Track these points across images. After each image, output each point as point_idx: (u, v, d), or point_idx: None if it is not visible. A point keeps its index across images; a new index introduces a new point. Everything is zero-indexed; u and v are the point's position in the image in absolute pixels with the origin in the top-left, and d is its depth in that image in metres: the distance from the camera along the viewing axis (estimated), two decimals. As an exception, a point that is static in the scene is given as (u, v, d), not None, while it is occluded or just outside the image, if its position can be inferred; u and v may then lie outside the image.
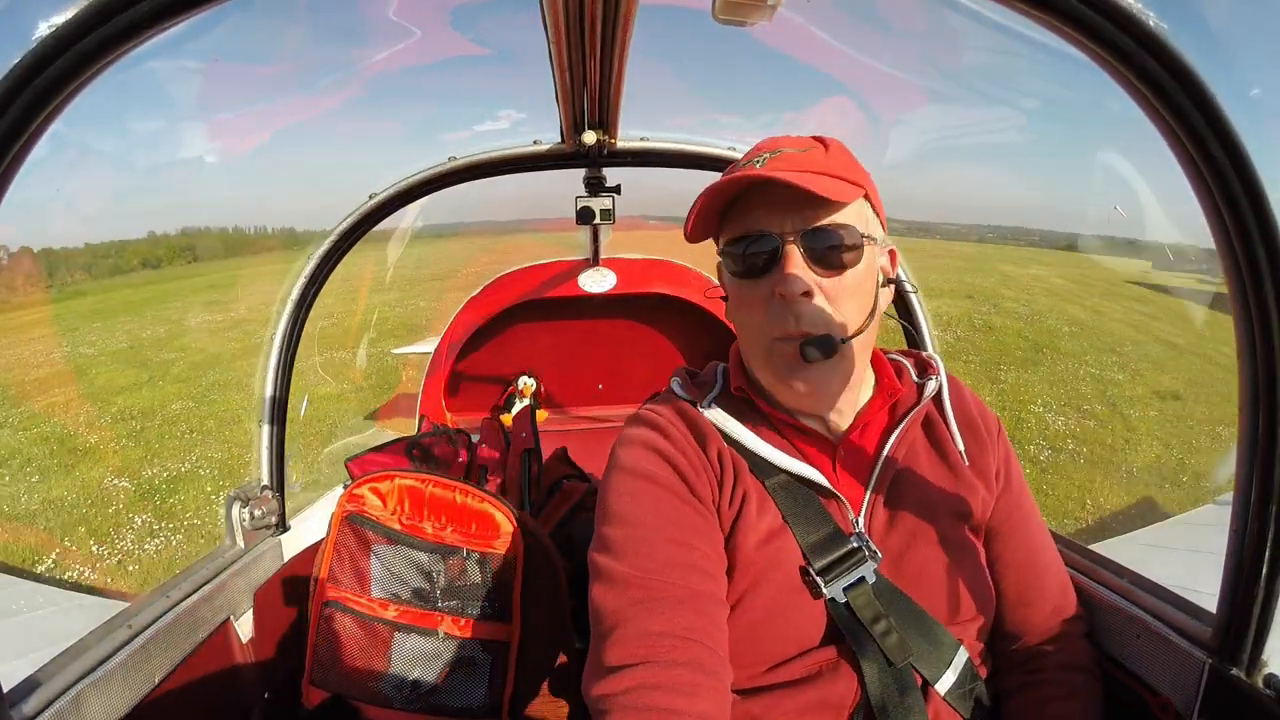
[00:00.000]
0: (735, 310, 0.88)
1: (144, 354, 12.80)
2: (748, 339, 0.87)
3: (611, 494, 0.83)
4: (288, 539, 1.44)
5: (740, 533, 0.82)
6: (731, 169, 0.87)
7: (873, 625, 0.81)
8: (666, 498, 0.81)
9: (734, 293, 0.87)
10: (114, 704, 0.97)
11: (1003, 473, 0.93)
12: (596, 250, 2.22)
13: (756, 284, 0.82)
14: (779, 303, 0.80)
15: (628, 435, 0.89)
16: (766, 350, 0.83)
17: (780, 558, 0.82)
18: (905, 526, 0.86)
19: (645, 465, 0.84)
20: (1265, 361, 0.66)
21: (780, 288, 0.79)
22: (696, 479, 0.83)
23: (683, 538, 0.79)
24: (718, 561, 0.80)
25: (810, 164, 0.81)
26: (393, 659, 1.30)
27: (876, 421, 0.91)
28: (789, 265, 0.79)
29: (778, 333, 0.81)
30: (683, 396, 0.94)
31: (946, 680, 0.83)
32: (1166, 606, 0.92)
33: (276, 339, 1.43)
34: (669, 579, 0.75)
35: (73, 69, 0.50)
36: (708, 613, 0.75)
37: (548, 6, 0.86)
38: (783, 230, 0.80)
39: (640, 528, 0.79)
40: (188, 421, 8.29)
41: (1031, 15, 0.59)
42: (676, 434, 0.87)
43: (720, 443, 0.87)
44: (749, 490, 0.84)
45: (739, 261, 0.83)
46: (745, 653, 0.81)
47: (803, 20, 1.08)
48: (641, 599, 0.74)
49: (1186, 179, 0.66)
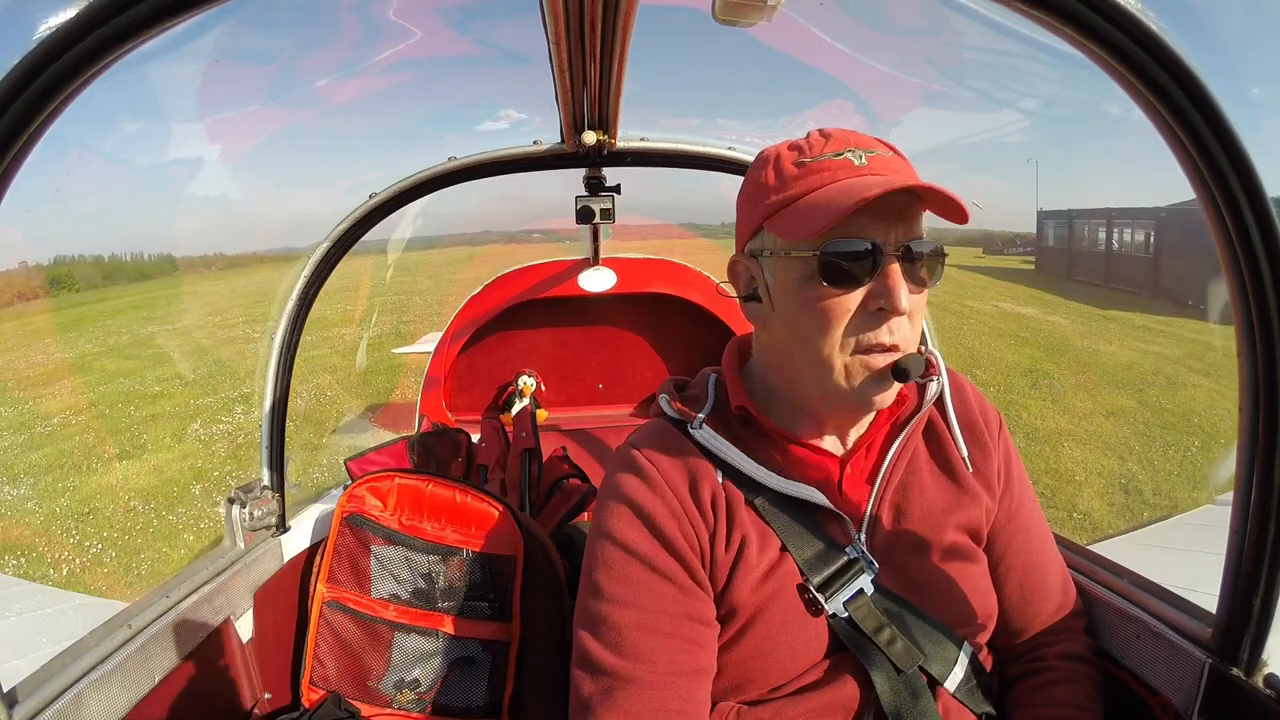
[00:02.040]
0: (802, 318, 0.78)
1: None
2: (813, 350, 0.78)
3: (599, 567, 0.82)
4: (288, 539, 1.44)
5: (739, 577, 0.80)
6: (821, 170, 0.77)
7: (876, 635, 0.81)
8: (649, 579, 0.79)
9: (806, 300, 0.77)
10: (114, 704, 0.97)
11: (1004, 471, 0.92)
12: (596, 250, 2.22)
13: (845, 294, 0.76)
14: (874, 316, 0.76)
15: (615, 486, 0.84)
16: (845, 364, 0.77)
17: (781, 586, 0.81)
18: (908, 538, 0.85)
19: (630, 538, 0.81)
20: (1265, 361, 0.66)
21: (886, 302, 0.74)
22: (685, 545, 0.80)
23: (665, 624, 0.78)
24: (702, 629, 0.80)
25: (906, 171, 0.78)
26: (393, 659, 1.30)
27: (881, 433, 0.89)
28: (893, 279, 0.74)
29: (870, 346, 0.76)
30: (672, 416, 0.89)
31: (955, 678, 0.83)
32: (1166, 606, 0.92)
33: (276, 340, 1.43)
34: (647, 666, 0.76)
35: (73, 69, 0.50)
36: (683, 692, 0.77)
37: (548, 7, 0.86)
38: (886, 241, 0.75)
39: (624, 611, 0.78)
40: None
41: (1031, 15, 0.59)
42: (664, 486, 0.82)
43: (713, 479, 0.83)
44: (746, 529, 0.81)
45: (834, 269, 0.75)
46: (750, 678, 0.81)
47: (805, 21, 1.08)
48: (613, 688, 0.76)
49: (1186, 179, 0.66)
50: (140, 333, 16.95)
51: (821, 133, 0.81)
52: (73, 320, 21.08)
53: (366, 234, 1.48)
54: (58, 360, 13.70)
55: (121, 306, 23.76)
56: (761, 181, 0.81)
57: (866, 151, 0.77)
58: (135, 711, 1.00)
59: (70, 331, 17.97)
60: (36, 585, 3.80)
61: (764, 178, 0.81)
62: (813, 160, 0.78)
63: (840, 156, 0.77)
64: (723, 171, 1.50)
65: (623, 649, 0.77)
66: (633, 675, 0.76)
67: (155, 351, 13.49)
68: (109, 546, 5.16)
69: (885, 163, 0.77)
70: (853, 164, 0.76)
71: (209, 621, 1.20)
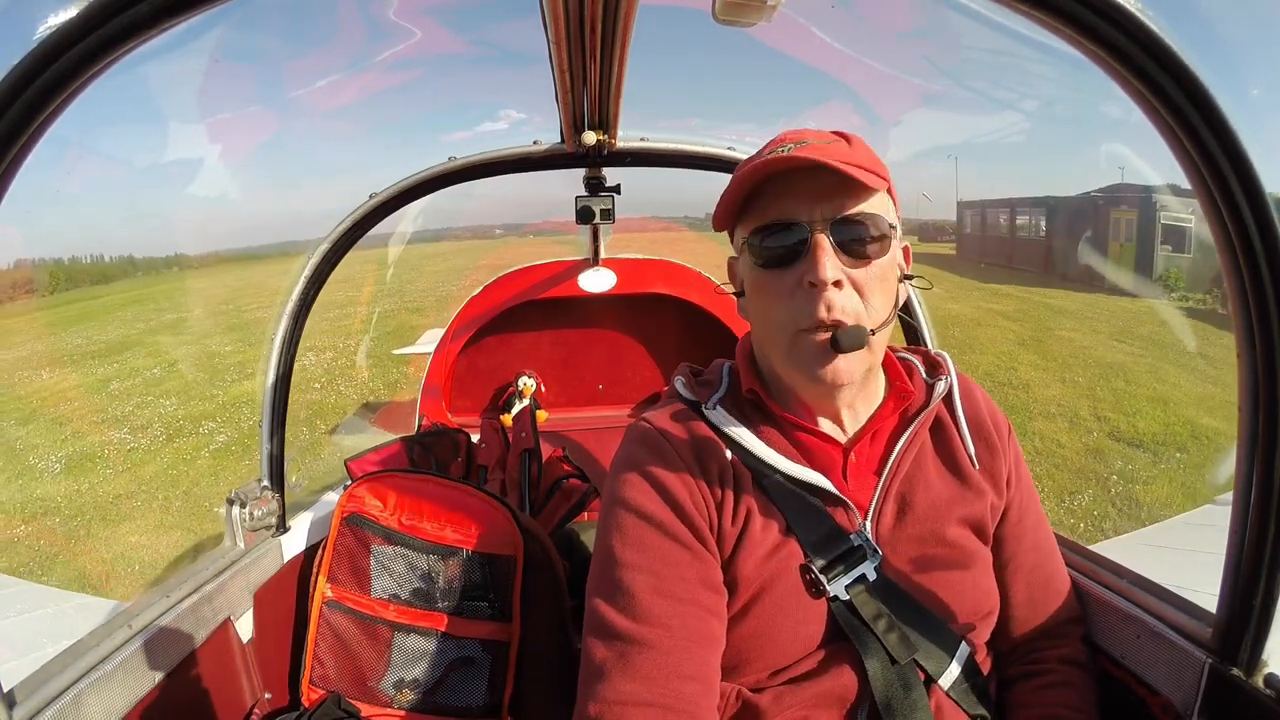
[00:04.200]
0: (756, 303, 0.85)
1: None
2: (769, 332, 0.84)
3: (613, 533, 0.83)
4: (288, 539, 1.44)
5: (743, 551, 0.82)
6: (754, 159, 0.83)
7: (874, 622, 0.81)
8: (663, 545, 0.81)
9: (755, 284, 0.84)
10: (114, 704, 0.97)
11: (1014, 477, 0.93)
12: (596, 250, 2.22)
13: (782, 274, 0.80)
14: (807, 292, 0.78)
15: (628, 456, 0.87)
16: (791, 341, 0.81)
17: (784, 566, 0.82)
18: (912, 530, 0.86)
19: (643, 504, 0.82)
20: (1265, 361, 0.66)
21: (810, 276, 0.77)
22: (695, 511, 0.82)
23: (679, 589, 0.79)
24: (714, 596, 0.81)
25: (837, 154, 0.79)
26: (392, 659, 1.30)
27: (887, 425, 0.90)
28: (819, 253, 0.77)
29: (806, 323, 0.79)
30: (686, 398, 0.92)
31: (950, 675, 0.84)
32: (1166, 606, 0.92)
33: (277, 340, 1.43)
34: (661, 630, 0.76)
35: (73, 69, 0.50)
36: (697, 657, 0.77)
37: (548, 6, 0.86)
38: (811, 218, 0.78)
39: (638, 576, 0.79)
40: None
41: (1031, 15, 0.59)
42: (675, 456, 0.85)
43: (723, 455, 0.86)
44: (753, 506, 0.83)
45: (763, 250, 0.80)
46: (750, 658, 0.82)
47: (804, 21, 1.08)
48: (627, 652, 0.76)
49: (1186, 178, 0.66)
50: (164, 319, 19.28)
51: (783, 133, 0.85)
52: (80, 314, 22.53)
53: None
54: (112, 338, 16.23)
55: (126, 300, 25.59)
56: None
57: (799, 143, 0.80)
58: (135, 711, 1.00)
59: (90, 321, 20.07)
60: (37, 585, 3.81)
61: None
62: (760, 157, 0.82)
63: (773, 152, 0.80)
64: (723, 171, 1.50)
65: (637, 613, 0.77)
66: (647, 639, 0.76)
67: (197, 330, 16.58)
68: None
69: (819, 149, 0.79)
70: (781, 154, 0.79)
71: (209, 621, 1.20)
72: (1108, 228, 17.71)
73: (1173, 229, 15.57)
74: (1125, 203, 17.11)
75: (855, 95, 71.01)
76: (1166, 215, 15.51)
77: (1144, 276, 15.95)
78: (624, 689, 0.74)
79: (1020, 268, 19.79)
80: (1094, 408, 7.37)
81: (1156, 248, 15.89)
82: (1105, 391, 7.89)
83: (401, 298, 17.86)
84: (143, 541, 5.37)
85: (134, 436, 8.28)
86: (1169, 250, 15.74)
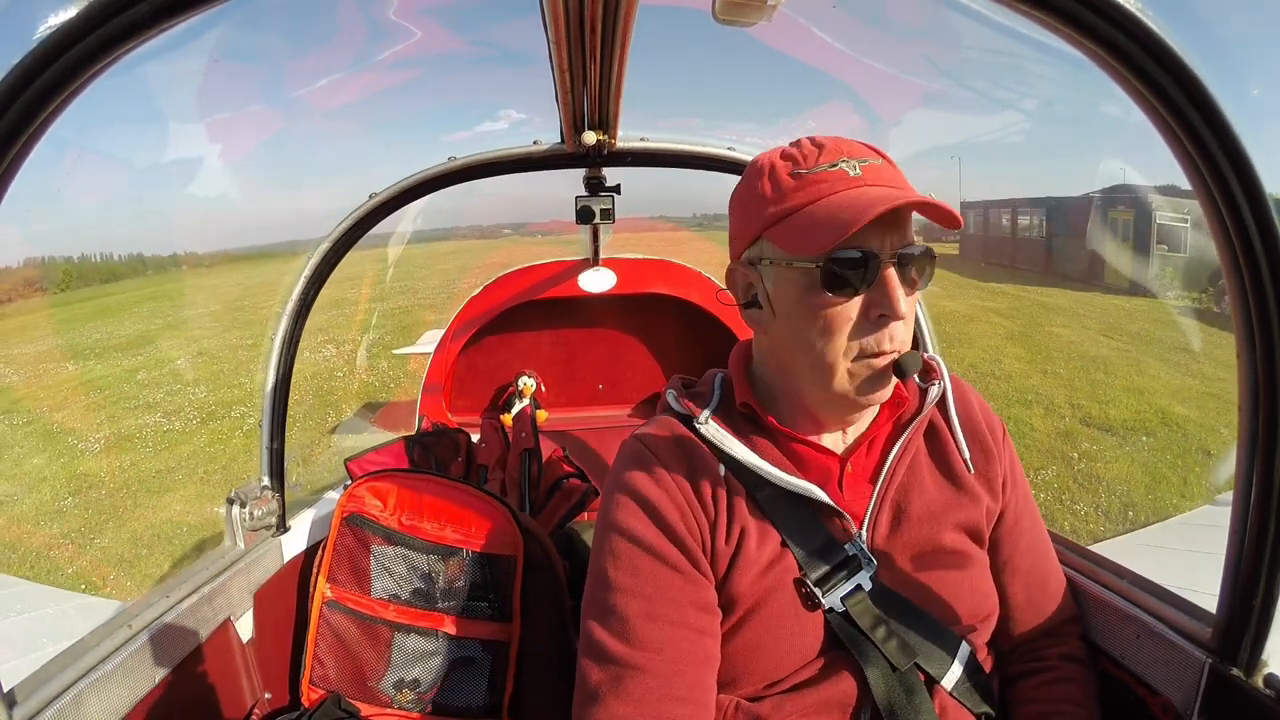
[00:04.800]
0: (799, 325, 0.80)
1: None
2: (813, 354, 0.80)
3: (606, 557, 0.83)
4: (288, 539, 1.44)
5: (738, 569, 0.81)
6: (828, 180, 0.78)
7: (873, 631, 0.81)
8: (655, 569, 0.81)
9: (807, 307, 0.79)
10: (114, 704, 0.97)
11: (1009, 480, 0.93)
12: (596, 250, 2.22)
13: (845, 300, 0.78)
14: (875, 323, 0.78)
15: (620, 477, 0.86)
16: (846, 368, 0.80)
17: (779, 580, 0.82)
18: (908, 537, 0.86)
19: (635, 528, 0.82)
20: (1265, 361, 0.66)
21: (883, 309, 0.77)
22: (687, 533, 0.82)
23: (671, 613, 0.79)
24: (707, 617, 0.81)
25: (898, 179, 0.80)
26: (392, 659, 1.30)
27: (883, 433, 0.90)
28: (893, 288, 0.77)
29: (871, 351, 0.79)
30: (678, 411, 0.91)
31: (952, 676, 0.84)
32: (1166, 606, 0.92)
33: (277, 340, 1.43)
34: (653, 654, 0.77)
35: (73, 69, 0.50)
36: (689, 679, 0.78)
37: (548, 6, 0.86)
38: (882, 248, 0.77)
39: (631, 600, 0.80)
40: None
41: (1031, 15, 0.59)
42: (667, 477, 0.84)
43: (716, 471, 0.85)
44: (747, 521, 0.83)
45: (835, 278, 0.76)
46: (747, 671, 0.82)
47: (804, 21, 1.08)
48: (621, 676, 0.77)
49: (1186, 178, 0.66)
50: (181, 315, 20.27)
51: (813, 141, 0.82)
52: (95, 311, 23.46)
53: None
54: (131, 333, 16.88)
55: (139, 297, 26.77)
56: (757, 192, 0.82)
57: (859, 161, 0.79)
58: (135, 711, 1.00)
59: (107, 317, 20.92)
60: (37, 585, 3.81)
61: (760, 189, 0.82)
62: (809, 172, 0.79)
63: (835, 168, 0.79)
64: (723, 171, 1.50)
65: (630, 638, 0.78)
66: (640, 664, 0.77)
67: (214, 325, 17.13)
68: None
69: (878, 171, 0.79)
70: (848, 175, 0.78)
71: (209, 621, 1.20)
72: (1106, 228, 17.86)
73: (1168, 229, 15.70)
74: (1122, 204, 17.31)
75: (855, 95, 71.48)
76: (1162, 216, 15.65)
77: (1139, 275, 16.11)
78: (617, 712, 0.76)
79: (1023, 267, 20.00)
80: (1070, 396, 7.51)
81: (1153, 247, 16.03)
82: (1084, 382, 8.03)
83: (414, 295, 18.51)
84: (188, 509, 5.82)
85: (168, 420, 8.67)
86: (1165, 250, 15.88)
